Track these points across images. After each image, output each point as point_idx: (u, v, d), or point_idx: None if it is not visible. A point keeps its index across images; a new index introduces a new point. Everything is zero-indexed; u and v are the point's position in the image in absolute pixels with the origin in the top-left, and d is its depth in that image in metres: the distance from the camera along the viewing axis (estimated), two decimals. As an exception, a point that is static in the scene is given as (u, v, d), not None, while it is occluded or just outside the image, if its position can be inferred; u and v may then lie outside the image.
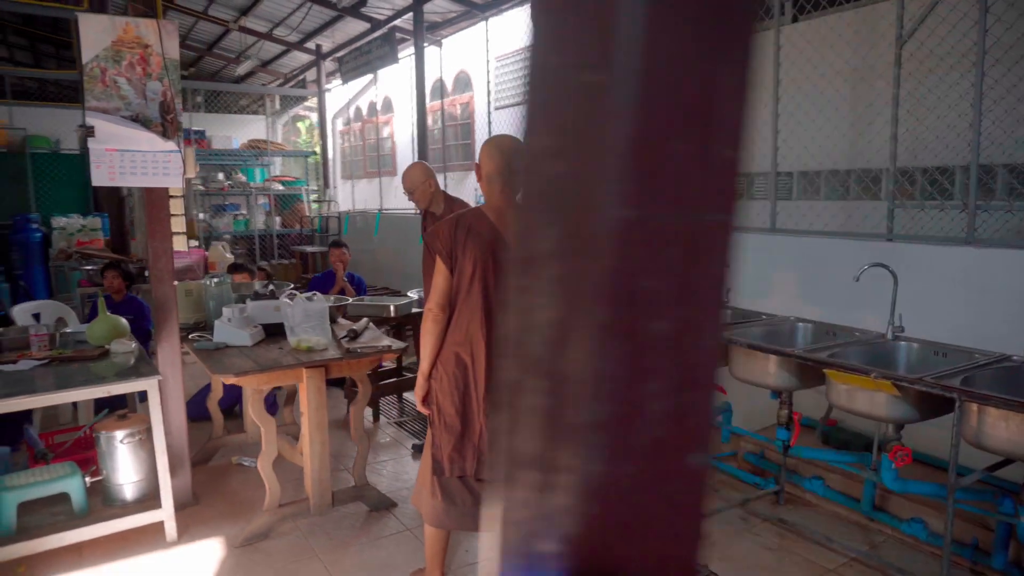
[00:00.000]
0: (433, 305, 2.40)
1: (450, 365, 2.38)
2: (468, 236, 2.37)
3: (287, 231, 11.68)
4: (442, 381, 2.40)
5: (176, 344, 3.43)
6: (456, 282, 2.38)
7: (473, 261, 2.36)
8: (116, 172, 3.24)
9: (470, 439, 2.41)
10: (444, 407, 2.41)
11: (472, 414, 2.40)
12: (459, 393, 2.38)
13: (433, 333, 2.40)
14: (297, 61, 12.50)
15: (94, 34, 3.14)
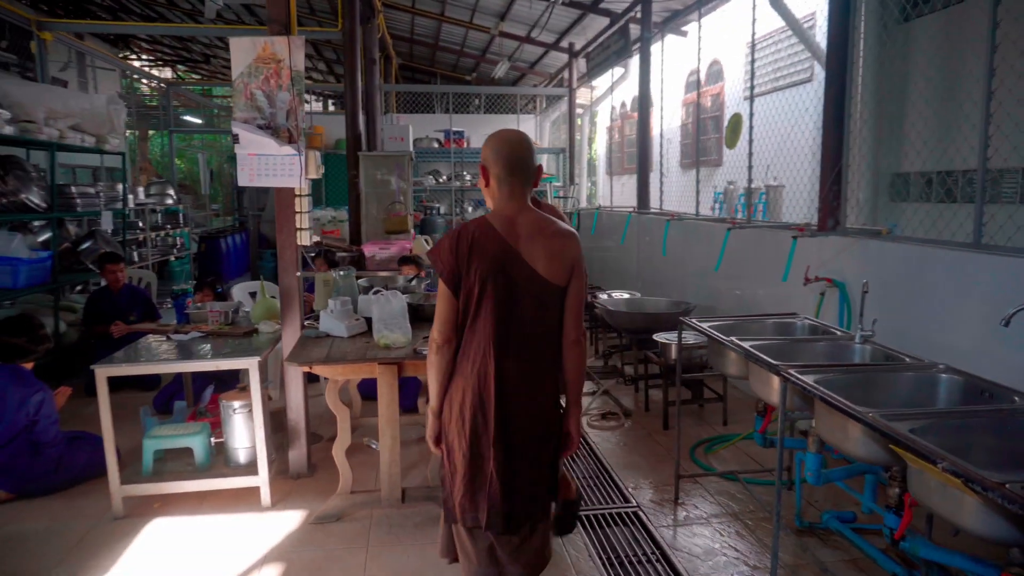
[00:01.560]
0: (436, 334, 2.09)
1: (457, 401, 2.08)
2: (472, 252, 2.03)
3: (534, 226, 12.14)
4: (451, 419, 2.11)
5: (297, 328, 3.79)
6: (462, 306, 2.06)
7: (481, 281, 2.03)
8: (255, 174, 3.68)
9: (481, 487, 2.08)
10: (453, 449, 2.11)
11: (483, 459, 2.07)
12: (469, 433, 2.06)
13: (437, 366, 2.10)
14: (560, 61, 12.89)
15: (241, 54, 3.60)
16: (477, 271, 2.02)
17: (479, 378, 2.05)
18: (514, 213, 2.09)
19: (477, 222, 2.08)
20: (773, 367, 2.54)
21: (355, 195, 7.42)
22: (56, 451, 3.66)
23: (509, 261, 2.04)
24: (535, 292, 2.06)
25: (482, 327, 2.05)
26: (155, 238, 9.16)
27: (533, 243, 2.06)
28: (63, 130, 5.45)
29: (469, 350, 2.07)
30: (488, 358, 2.04)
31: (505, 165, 2.06)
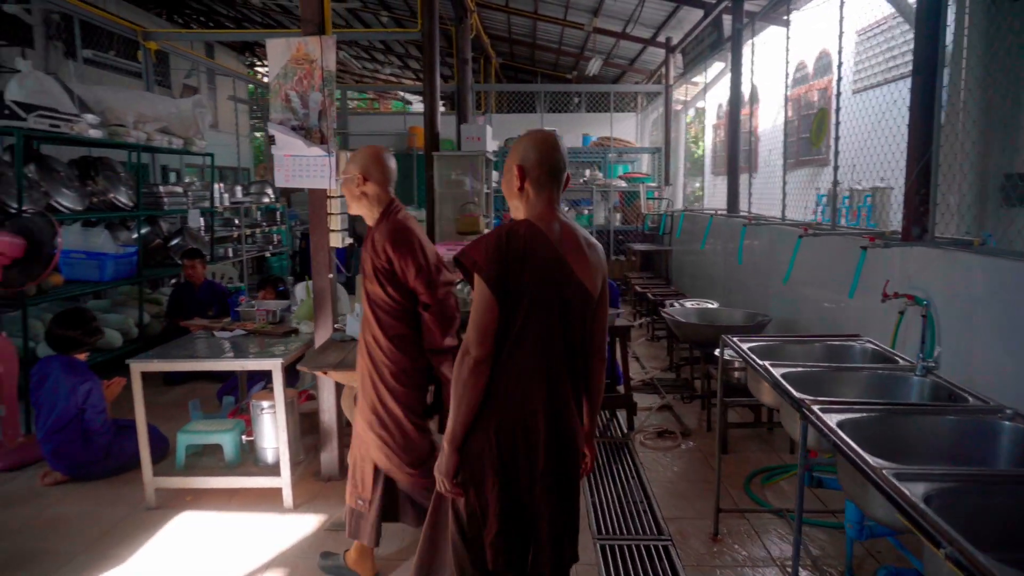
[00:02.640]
0: (474, 348, 1.79)
1: (493, 430, 1.83)
2: (526, 257, 1.81)
3: (627, 228, 11.79)
4: (483, 451, 1.84)
5: (328, 330, 3.77)
6: (504, 317, 1.81)
7: (532, 291, 1.81)
8: (290, 175, 3.69)
9: (524, 528, 1.88)
10: (483, 486, 1.86)
11: (527, 496, 1.87)
12: (509, 468, 1.84)
13: (473, 387, 1.80)
14: (659, 57, 12.41)
15: (277, 55, 3.61)
16: (530, 279, 1.80)
17: (526, 403, 1.83)
18: (553, 219, 1.90)
19: (526, 224, 1.85)
20: (794, 401, 2.20)
21: (431, 196, 7.42)
22: (105, 439, 3.83)
23: (561, 271, 1.85)
24: (581, 306, 1.90)
25: (531, 343, 1.82)
26: (254, 235, 9.62)
27: (576, 253, 1.89)
28: (151, 133, 5.77)
29: (510, 369, 1.83)
30: (540, 380, 1.84)
31: (546, 168, 1.89)
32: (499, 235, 1.83)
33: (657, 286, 8.65)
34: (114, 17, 7.77)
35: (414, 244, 2.63)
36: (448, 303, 2.71)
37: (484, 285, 1.79)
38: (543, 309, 1.83)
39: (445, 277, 2.72)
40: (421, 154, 11.38)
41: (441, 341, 2.69)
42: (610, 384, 5.06)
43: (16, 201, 4.38)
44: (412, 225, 2.71)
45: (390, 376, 2.68)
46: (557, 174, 1.92)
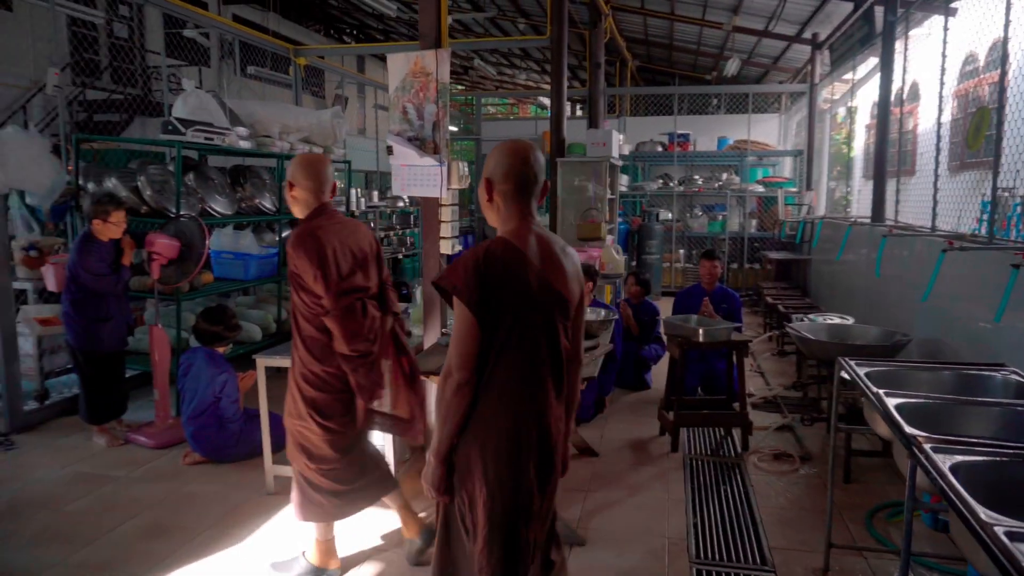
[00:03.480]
0: (457, 371, 1.84)
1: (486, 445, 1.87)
2: (505, 277, 1.84)
3: (762, 235, 11.22)
4: (474, 466, 1.87)
5: (437, 334, 3.89)
6: (488, 337, 1.84)
7: (515, 310, 1.84)
8: (406, 184, 3.85)
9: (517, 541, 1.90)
10: (474, 500, 1.89)
11: (519, 508, 1.89)
12: (500, 481, 1.87)
13: (457, 408, 1.85)
14: (804, 55, 11.70)
15: (397, 69, 3.78)
16: (510, 298, 1.84)
17: (513, 417, 1.87)
18: (527, 232, 1.92)
19: (501, 243, 1.88)
20: (904, 436, 1.99)
21: (554, 201, 7.46)
22: (236, 426, 4.18)
23: (540, 286, 1.88)
24: (562, 316, 1.95)
25: (515, 358, 1.86)
26: (388, 238, 10.12)
27: (554, 264, 1.93)
28: (294, 143, 6.22)
29: (499, 386, 1.86)
30: (525, 394, 1.88)
31: (514, 180, 1.90)
32: (476, 257, 1.84)
33: (791, 298, 8.16)
34: (271, 38, 8.46)
35: (312, 249, 2.62)
36: (353, 310, 2.68)
37: (465, 308, 1.81)
38: (526, 325, 1.86)
39: (353, 284, 2.70)
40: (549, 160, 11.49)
41: (344, 347, 2.69)
42: (725, 401, 4.85)
43: (175, 206, 4.89)
44: (322, 232, 2.67)
45: (300, 376, 2.77)
46: (527, 186, 1.92)
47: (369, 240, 2.86)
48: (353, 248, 2.74)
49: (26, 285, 4.97)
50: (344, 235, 2.74)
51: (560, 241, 2.01)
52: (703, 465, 4.27)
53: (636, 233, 10.84)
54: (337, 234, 2.71)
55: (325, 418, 2.78)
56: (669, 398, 4.72)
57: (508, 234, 1.91)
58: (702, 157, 12.06)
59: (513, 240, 1.89)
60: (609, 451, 4.49)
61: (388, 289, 2.95)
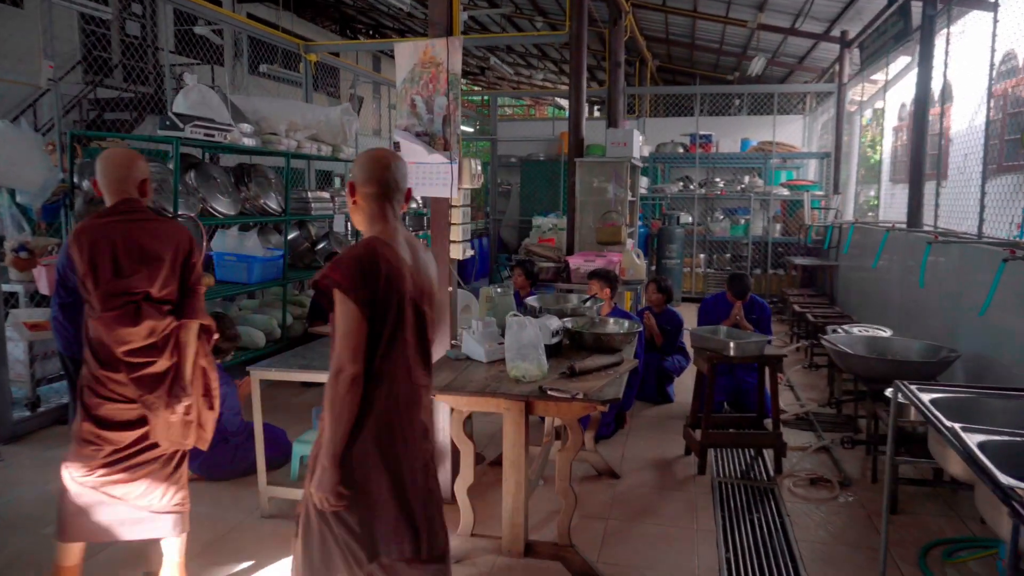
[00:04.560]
0: (351, 365, 1.87)
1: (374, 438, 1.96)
2: (389, 276, 1.94)
3: (786, 240, 10.84)
4: (365, 457, 1.94)
5: (445, 346, 3.59)
6: (374, 333, 1.93)
7: (398, 306, 1.97)
8: (415, 183, 3.55)
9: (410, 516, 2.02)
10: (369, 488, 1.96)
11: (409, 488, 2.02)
12: (394, 465, 1.98)
13: (352, 404, 1.89)
14: (832, 53, 11.31)
15: (404, 59, 3.49)
16: (392, 295, 1.95)
17: (402, 406, 2.00)
18: (394, 232, 2.05)
19: (379, 242, 1.99)
20: (999, 488, 1.67)
21: (572, 203, 7.14)
22: (237, 440, 3.91)
23: (414, 282, 2.02)
24: (430, 310, 2.12)
25: (399, 351, 1.99)
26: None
27: (421, 261, 2.10)
28: (301, 141, 5.96)
29: (388, 379, 1.97)
30: (411, 383, 2.03)
31: (375, 185, 2.03)
32: (359, 256, 1.92)
33: (819, 306, 7.78)
34: (281, 33, 8.22)
35: (85, 245, 2.48)
36: (124, 315, 2.50)
37: (352, 305, 1.87)
38: (405, 319, 1.99)
39: (128, 286, 2.51)
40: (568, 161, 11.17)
41: (116, 352, 2.53)
42: (756, 419, 4.51)
43: (172, 206, 4.63)
44: (103, 228, 2.53)
45: (82, 376, 2.62)
46: (388, 190, 2.04)
47: (177, 244, 2.67)
48: (146, 249, 2.56)
49: (17, 288, 4.73)
50: (138, 234, 2.57)
51: (422, 242, 2.19)
52: (733, 490, 3.94)
53: (656, 237, 10.50)
54: (125, 232, 2.55)
55: (93, 423, 2.61)
56: (696, 415, 4.39)
57: (380, 234, 2.03)
58: (725, 159, 11.69)
59: (390, 241, 2.01)
60: (631, 472, 4.17)
61: (192, 298, 2.73)
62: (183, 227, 2.79)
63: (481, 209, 13.61)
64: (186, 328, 2.66)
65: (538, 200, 11.78)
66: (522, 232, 11.96)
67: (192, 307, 2.71)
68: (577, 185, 6.96)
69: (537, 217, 8.05)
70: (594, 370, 3.03)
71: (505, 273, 9.66)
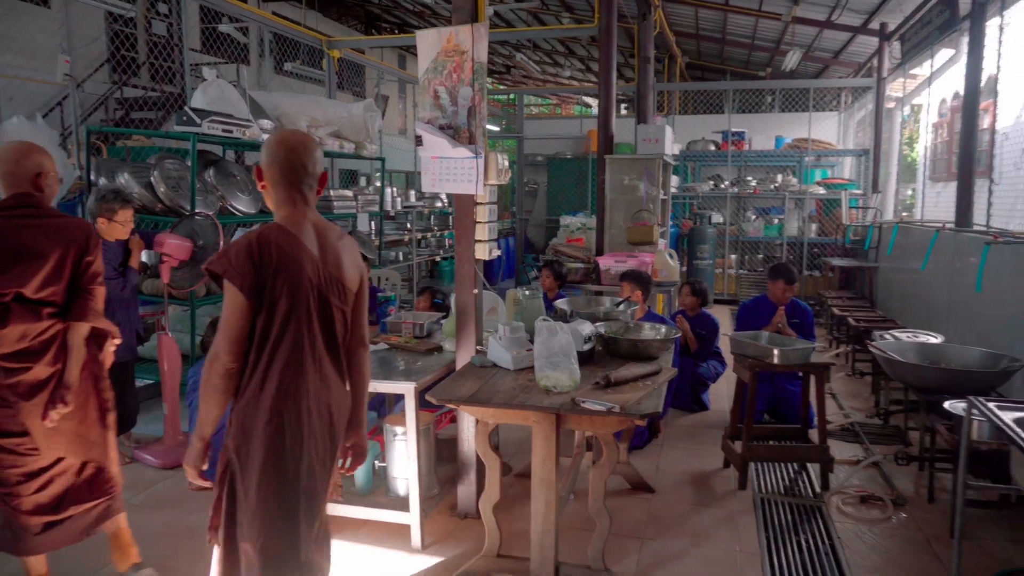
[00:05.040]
0: (226, 355, 1.86)
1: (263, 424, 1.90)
2: (279, 262, 1.89)
3: (823, 240, 10.47)
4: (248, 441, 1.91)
5: (471, 351, 3.38)
6: (262, 322, 1.89)
7: (290, 295, 1.90)
8: (437, 179, 3.36)
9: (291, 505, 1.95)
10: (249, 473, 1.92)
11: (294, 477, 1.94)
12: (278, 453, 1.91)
13: (224, 391, 1.90)
14: (870, 47, 10.91)
15: (427, 48, 3.29)
16: (285, 283, 1.89)
17: (295, 398, 1.92)
18: (302, 219, 1.99)
19: (275, 228, 1.94)
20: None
21: (602, 202, 6.90)
22: (248, 449, 3.74)
23: (315, 271, 1.95)
24: (339, 300, 2.02)
25: (292, 342, 1.91)
26: (426, 239, 9.69)
27: (331, 251, 2.01)
28: (322, 137, 5.81)
29: (278, 368, 1.90)
30: (303, 376, 1.94)
31: (284, 169, 1.96)
32: (249, 243, 1.88)
33: (859, 309, 7.45)
34: (304, 28, 8.11)
35: None
36: None
37: (238, 292, 1.84)
38: (302, 309, 1.92)
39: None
40: (597, 158, 10.91)
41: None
42: (801, 430, 4.24)
43: (189, 203, 4.49)
44: None
45: None
46: (298, 175, 1.97)
47: (69, 242, 2.52)
48: (25, 246, 2.43)
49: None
50: (16, 231, 2.45)
51: (337, 229, 2.10)
52: (777, 507, 3.68)
53: (687, 237, 10.20)
54: (3, 229, 2.44)
55: None
56: (736, 426, 4.14)
57: (282, 220, 1.97)
58: (759, 157, 11.34)
59: (287, 226, 1.95)
60: (666, 486, 3.93)
61: (84, 299, 2.56)
62: (82, 224, 2.64)
63: (507, 208, 13.41)
64: (74, 331, 2.53)
65: (565, 199, 11.55)
66: (549, 232, 11.74)
67: (84, 309, 2.55)
68: (607, 183, 6.72)
69: (565, 216, 7.82)
70: (630, 380, 2.80)
71: (532, 274, 9.44)
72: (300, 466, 1.93)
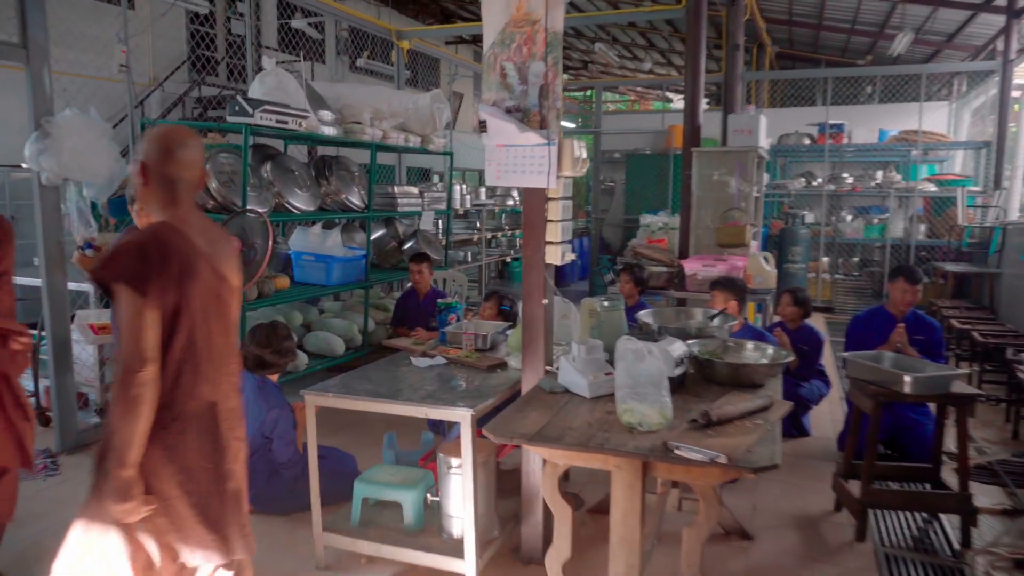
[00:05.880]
0: (141, 364, 1.71)
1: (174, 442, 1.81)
2: (175, 263, 1.79)
3: (933, 243, 9.45)
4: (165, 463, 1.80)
5: (539, 370, 2.90)
6: (167, 328, 1.78)
7: (186, 297, 1.80)
8: (502, 170, 2.89)
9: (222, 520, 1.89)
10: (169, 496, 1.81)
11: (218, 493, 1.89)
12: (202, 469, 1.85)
13: (148, 403, 1.73)
14: (991, 27, 9.79)
15: (493, 17, 2.83)
16: (185, 285, 1.80)
17: (204, 405, 1.86)
18: (187, 216, 1.91)
19: (166, 227, 1.84)
20: None
21: (687, 199, 6.29)
22: (292, 473, 3.38)
23: (209, 271, 1.87)
24: (229, 298, 1.96)
25: (198, 347, 1.84)
26: (496, 239, 9.28)
27: (218, 249, 1.94)
28: (386, 130, 5.45)
29: (186, 375, 1.83)
30: (211, 381, 1.88)
31: (166, 165, 1.86)
32: (142, 243, 1.78)
33: (981, 321, 6.55)
34: (374, 19, 7.83)
35: None
36: None
37: (137, 297, 1.73)
38: (203, 312, 1.84)
39: None
40: (679, 154, 10.22)
41: None
42: (931, 470, 3.56)
43: (240, 199, 4.20)
44: None
45: None
46: (180, 171, 1.88)
47: None
48: None
49: (86, 287, 4.45)
50: None
51: (220, 228, 2.07)
52: (907, 567, 3.04)
53: (777, 238, 9.40)
54: None
55: None
56: (850, 462, 3.50)
57: (171, 219, 1.87)
58: (859, 151, 10.38)
59: (179, 225, 1.86)
60: (766, 532, 3.34)
61: None
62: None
63: (582, 207, 12.86)
64: None
65: (644, 197, 10.91)
66: (626, 232, 11.14)
67: None
68: (693, 179, 6.11)
69: (645, 215, 7.23)
70: (736, 418, 2.26)
71: (608, 277, 8.86)
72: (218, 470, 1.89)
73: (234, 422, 1.96)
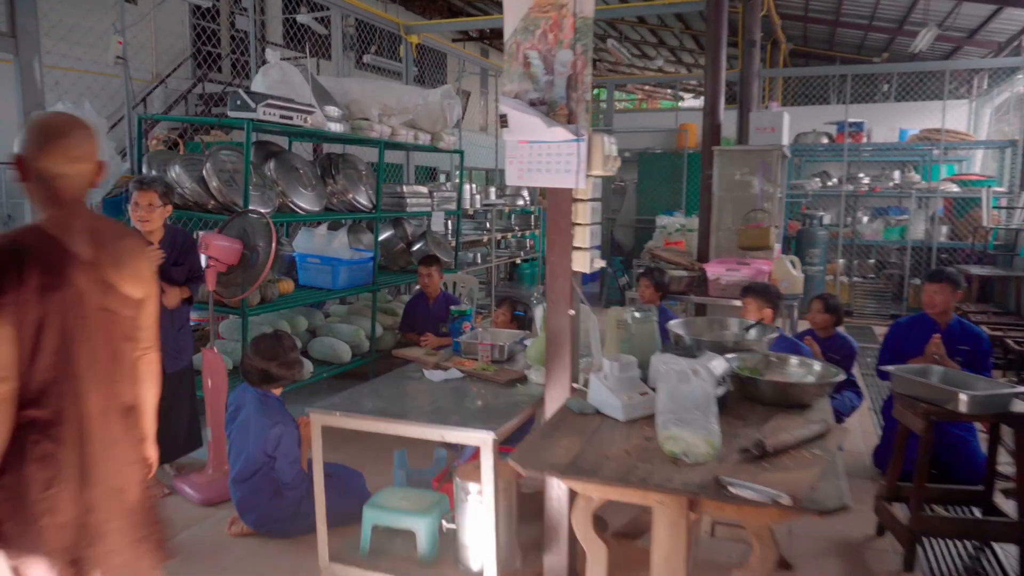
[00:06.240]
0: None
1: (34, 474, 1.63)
2: (32, 272, 1.60)
3: (955, 245, 9.18)
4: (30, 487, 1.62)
5: (565, 388, 2.66)
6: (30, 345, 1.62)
7: (46, 310, 1.62)
8: (525, 169, 2.65)
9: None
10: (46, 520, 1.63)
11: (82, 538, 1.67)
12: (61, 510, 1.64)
13: (4, 427, 1.59)
14: (1016, 22, 9.50)
15: (514, 2, 2.59)
16: (40, 297, 1.60)
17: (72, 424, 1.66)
18: (68, 217, 1.70)
19: (29, 231, 1.68)
20: None
21: (707, 200, 6.04)
22: (297, 494, 3.15)
23: (88, 281, 1.68)
24: (120, 306, 1.75)
25: (67, 362, 1.65)
26: (506, 240, 9.04)
27: (105, 255, 1.72)
28: (395, 127, 5.22)
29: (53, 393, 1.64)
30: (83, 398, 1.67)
31: (49, 157, 1.65)
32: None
33: (1013, 327, 6.30)
34: (382, 12, 7.61)
35: None
36: None
37: None
38: (80, 326, 1.67)
39: None
40: (693, 153, 9.95)
41: None
42: (982, 494, 3.30)
43: (242, 199, 3.97)
44: None
45: None
46: (58, 166, 1.67)
47: None
48: None
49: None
50: None
51: (118, 228, 1.87)
52: (962, 602, 2.79)
53: (795, 240, 9.14)
54: None
55: None
56: (895, 484, 3.26)
57: (45, 221, 1.70)
58: (878, 150, 10.11)
59: (49, 228, 1.68)
60: (806, 560, 3.10)
61: None
62: None
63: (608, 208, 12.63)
64: None
65: (657, 197, 10.65)
66: (638, 233, 10.88)
67: None
68: (715, 179, 5.86)
69: (662, 216, 6.97)
70: (792, 446, 2.01)
71: (623, 280, 8.61)
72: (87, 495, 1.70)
73: (120, 444, 1.77)
